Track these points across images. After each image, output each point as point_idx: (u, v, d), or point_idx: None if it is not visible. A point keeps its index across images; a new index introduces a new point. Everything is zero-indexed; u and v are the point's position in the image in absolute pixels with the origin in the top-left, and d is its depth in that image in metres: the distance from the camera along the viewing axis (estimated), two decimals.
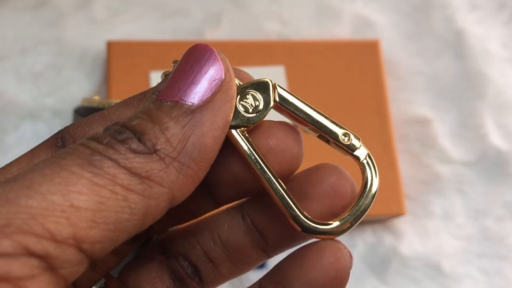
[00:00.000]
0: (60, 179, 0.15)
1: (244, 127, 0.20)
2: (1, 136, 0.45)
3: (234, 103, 0.19)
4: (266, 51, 0.47)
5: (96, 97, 0.38)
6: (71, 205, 0.15)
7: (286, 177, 0.21)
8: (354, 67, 0.48)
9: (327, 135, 0.21)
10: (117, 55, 0.44)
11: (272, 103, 0.21)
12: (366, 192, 0.22)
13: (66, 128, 0.20)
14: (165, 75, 0.19)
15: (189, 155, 0.17)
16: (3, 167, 0.19)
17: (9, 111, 0.46)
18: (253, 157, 0.19)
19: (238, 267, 0.22)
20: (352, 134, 0.21)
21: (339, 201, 0.20)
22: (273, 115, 0.21)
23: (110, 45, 0.45)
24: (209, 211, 0.22)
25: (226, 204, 0.22)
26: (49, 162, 0.16)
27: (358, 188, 0.22)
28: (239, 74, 0.20)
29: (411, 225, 0.48)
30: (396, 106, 0.50)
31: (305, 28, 0.52)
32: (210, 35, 0.50)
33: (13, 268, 0.14)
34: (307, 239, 0.21)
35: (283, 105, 0.21)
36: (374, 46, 0.49)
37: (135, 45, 0.45)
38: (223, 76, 0.18)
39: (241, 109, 0.20)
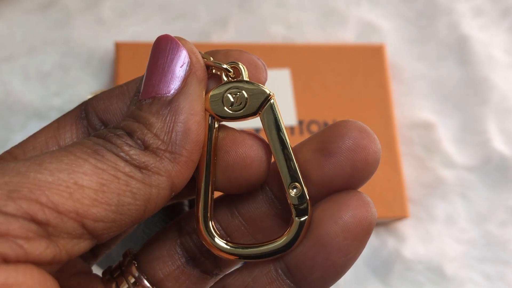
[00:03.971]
0: (68, 160, 0.17)
1: (215, 115, 0.20)
2: (9, 135, 0.45)
3: (206, 82, 0.19)
4: (272, 54, 0.47)
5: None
6: (75, 183, 0.16)
7: (252, 186, 0.20)
8: (359, 71, 0.48)
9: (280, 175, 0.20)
10: (125, 56, 0.45)
11: (254, 114, 0.20)
12: (275, 247, 0.20)
13: (89, 100, 0.21)
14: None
15: (177, 143, 0.18)
16: (31, 135, 0.20)
17: (16, 110, 0.46)
18: (207, 148, 0.19)
19: (257, 239, 0.21)
20: (304, 191, 0.19)
21: (362, 155, 0.19)
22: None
23: (118, 46, 0.45)
24: None
25: None
26: (59, 149, 0.17)
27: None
28: (241, 57, 0.20)
29: (414, 229, 0.48)
30: (400, 110, 0.50)
31: (311, 32, 0.52)
32: (217, 38, 0.50)
33: (11, 227, 0.15)
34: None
35: (262, 121, 0.20)
36: (379, 51, 0.49)
37: (142, 46, 0.46)
38: (189, 59, 0.19)
39: (224, 98, 0.20)
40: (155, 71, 0.19)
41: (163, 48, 0.19)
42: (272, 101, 0.20)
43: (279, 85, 0.46)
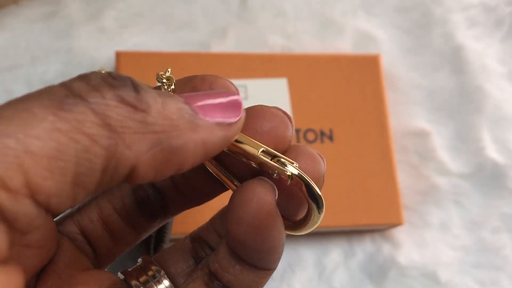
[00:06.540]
0: (19, 120, 0.14)
1: None
2: None
3: (226, 147, 0.19)
4: (270, 64, 0.48)
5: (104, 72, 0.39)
6: (25, 151, 0.13)
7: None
8: (355, 80, 0.49)
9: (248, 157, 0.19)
10: (126, 65, 0.46)
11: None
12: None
13: None
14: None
15: (170, 141, 0.16)
16: None
17: None
18: (223, 174, 0.20)
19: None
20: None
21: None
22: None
23: (119, 55, 0.46)
24: (219, 193, 0.22)
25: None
26: (14, 102, 0.14)
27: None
28: (216, 81, 0.20)
29: (409, 235, 0.49)
30: (395, 119, 0.51)
31: (308, 42, 0.53)
32: (216, 48, 0.51)
33: None
34: None
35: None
36: (375, 60, 0.50)
37: (143, 56, 0.46)
38: (235, 121, 0.18)
39: None
40: (206, 96, 0.18)
41: (230, 97, 0.18)
42: None
43: (276, 94, 0.47)
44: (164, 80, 0.20)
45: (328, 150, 0.46)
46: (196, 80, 0.20)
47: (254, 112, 0.20)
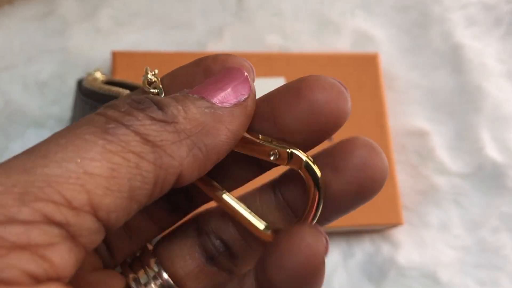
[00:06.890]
0: (73, 147, 0.15)
1: None
2: (7, 143, 0.46)
3: (250, 121, 0.19)
4: (267, 63, 0.48)
5: (98, 74, 0.38)
6: (85, 172, 0.15)
7: (330, 134, 0.20)
8: (354, 79, 0.49)
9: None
10: (122, 65, 0.45)
11: None
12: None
13: None
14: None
15: (202, 139, 0.17)
16: None
17: (15, 119, 0.46)
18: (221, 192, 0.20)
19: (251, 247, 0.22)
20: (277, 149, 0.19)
21: (368, 174, 0.19)
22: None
23: (115, 55, 0.46)
24: (251, 178, 0.22)
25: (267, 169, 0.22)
26: (64, 132, 0.16)
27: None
28: (228, 60, 0.20)
29: (409, 235, 0.48)
30: (394, 118, 0.51)
31: (306, 41, 0.53)
32: (213, 47, 0.50)
33: (32, 236, 0.14)
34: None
35: None
36: (373, 60, 0.50)
37: (139, 56, 0.46)
38: (247, 95, 0.19)
39: None
40: (216, 84, 0.18)
41: (234, 75, 0.19)
42: None
43: None
44: (152, 90, 0.20)
45: None
46: (208, 60, 0.20)
47: (309, 83, 0.19)
